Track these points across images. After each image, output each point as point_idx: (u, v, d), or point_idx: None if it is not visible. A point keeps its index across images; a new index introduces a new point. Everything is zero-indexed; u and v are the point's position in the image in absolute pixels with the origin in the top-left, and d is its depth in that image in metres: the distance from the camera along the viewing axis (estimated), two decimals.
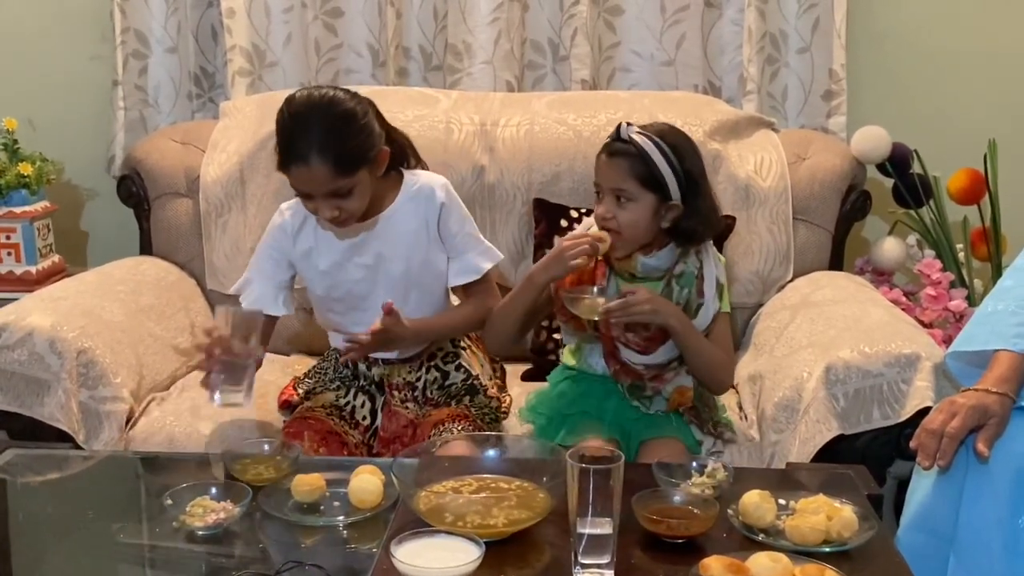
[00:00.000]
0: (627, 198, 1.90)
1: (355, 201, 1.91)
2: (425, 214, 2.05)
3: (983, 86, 2.88)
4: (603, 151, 1.94)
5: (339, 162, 1.85)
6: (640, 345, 1.97)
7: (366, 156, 1.90)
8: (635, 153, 1.89)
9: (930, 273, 2.64)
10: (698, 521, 1.54)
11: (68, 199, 3.01)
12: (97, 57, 2.96)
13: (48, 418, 2.08)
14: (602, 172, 1.93)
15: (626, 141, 1.90)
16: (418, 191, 2.05)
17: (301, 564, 1.48)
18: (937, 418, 1.64)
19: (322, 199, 1.89)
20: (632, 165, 1.89)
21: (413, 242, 2.05)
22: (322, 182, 1.86)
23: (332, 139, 1.85)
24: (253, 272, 2.09)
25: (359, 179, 1.89)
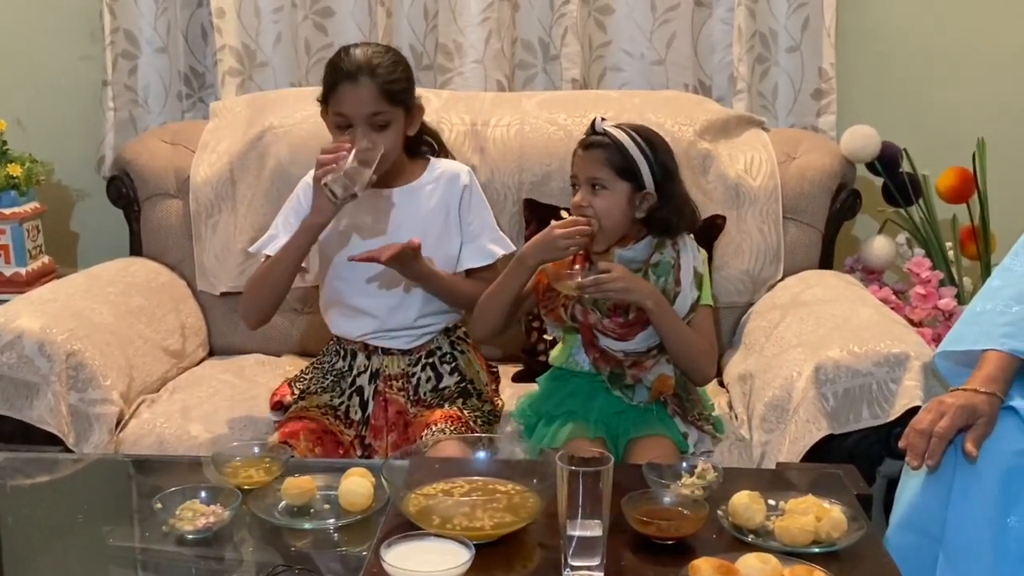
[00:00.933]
0: (602, 186, 1.95)
1: (388, 138, 2.01)
2: (448, 194, 2.13)
3: (972, 85, 2.88)
4: (579, 146, 2.00)
5: (385, 86, 2.00)
6: (617, 332, 1.99)
7: (408, 95, 2.06)
8: (609, 143, 1.96)
9: (920, 272, 2.65)
10: (688, 522, 1.54)
11: (58, 200, 3.00)
12: (86, 57, 2.96)
13: (38, 421, 2.07)
14: (578, 164, 1.99)
15: (601, 134, 1.97)
16: (442, 172, 2.16)
17: (291, 567, 1.48)
18: (926, 418, 1.65)
19: (361, 124, 1.99)
20: (607, 155, 1.95)
21: (432, 219, 2.11)
22: (366, 101, 1.99)
23: (382, 67, 2.01)
24: (279, 229, 2.12)
25: (396, 116, 2.02)
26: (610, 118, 2.52)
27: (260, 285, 2.09)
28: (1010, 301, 1.75)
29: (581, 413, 2.01)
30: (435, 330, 2.16)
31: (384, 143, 1.99)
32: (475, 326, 2.09)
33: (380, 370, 2.13)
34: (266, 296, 2.08)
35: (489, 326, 2.05)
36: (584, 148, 1.99)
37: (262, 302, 2.09)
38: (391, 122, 2.02)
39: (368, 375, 2.14)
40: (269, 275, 2.07)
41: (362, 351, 2.15)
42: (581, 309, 2.00)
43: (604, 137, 1.97)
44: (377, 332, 2.13)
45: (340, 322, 2.17)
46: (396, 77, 2.03)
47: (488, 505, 1.55)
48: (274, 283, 2.06)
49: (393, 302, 2.11)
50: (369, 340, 2.14)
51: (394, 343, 2.13)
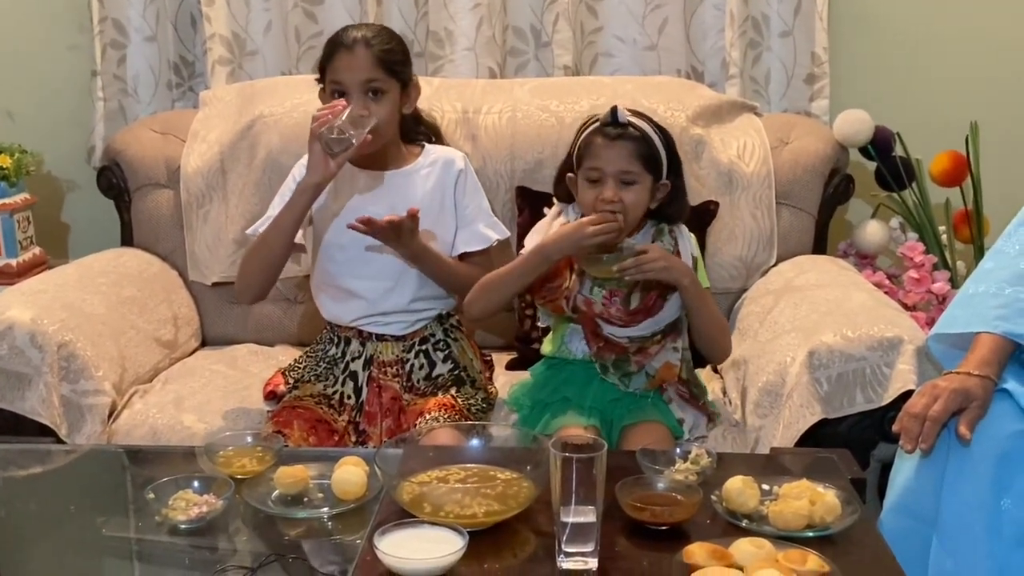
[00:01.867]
0: (632, 180, 1.92)
1: (383, 108, 2.02)
2: (443, 178, 2.14)
3: (965, 69, 2.88)
4: (597, 135, 1.93)
5: (381, 55, 2.02)
6: (623, 319, 1.98)
7: (404, 68, 2.07)
8: (637, 135, 1.92)
9: (913, 256, 2.65)
10: (682, 508, 1.54)
11: (48, 191, 2.99)
12: (75, 47, 2.94)
13: (30, 412, 2.07)
14: (604, 156, 1.92)
15: (624, 124, 1.92)
16: (438, 157, 2.17)
17: (285, 556, 1.48)
18: (919, 401, 1.65)
19: (356, 92, 2.00)
20: (636, 148, 1.91)
21: (427, 203, 2.10)
22: (361, 68, 2.00)
23: (378, 38, 2.04)
24: (275, 207, 2.11)
25: (391, 86, 2.04)
26: (602, 104, 2.55)
27: (256, 255, 2.07)
28: (1003, 283, 1.75)
29: (575, 400, 2.01)
30: (428, 316, 2.15)
31: (379, 113, 2.01)
32: (473, 306, 2.04)
33: (374, 356, 2.13)
34: (262, 268, 2.07)
35: (489, 308, 2.03)
36: (610, 139, 1.92)
37: (259, 274, 2.08)
38: (386, 91, 2.03)
39: (362, 361, 2.14)
40: (265, 243, 2.05)
41: (356, 338, 2.14)
42: (583, 299, 1.99)
43: (629, 128, 1.92)
44: (369, 316, 2.12)
45: (331, 306, 2.16)
46: (392, 48, 2.05)
47: (482, 492, 1.55)
48: (270, 252, 2.05)
49: (386, 285, 2.11)
50: (362, 325, 2.13)
51: (387, 329, 2.13)
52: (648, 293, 1.98)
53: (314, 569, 1.45)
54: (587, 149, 1.94)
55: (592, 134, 1.94)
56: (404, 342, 2.14)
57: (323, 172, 1.97)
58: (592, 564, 1.42)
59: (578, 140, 1.98)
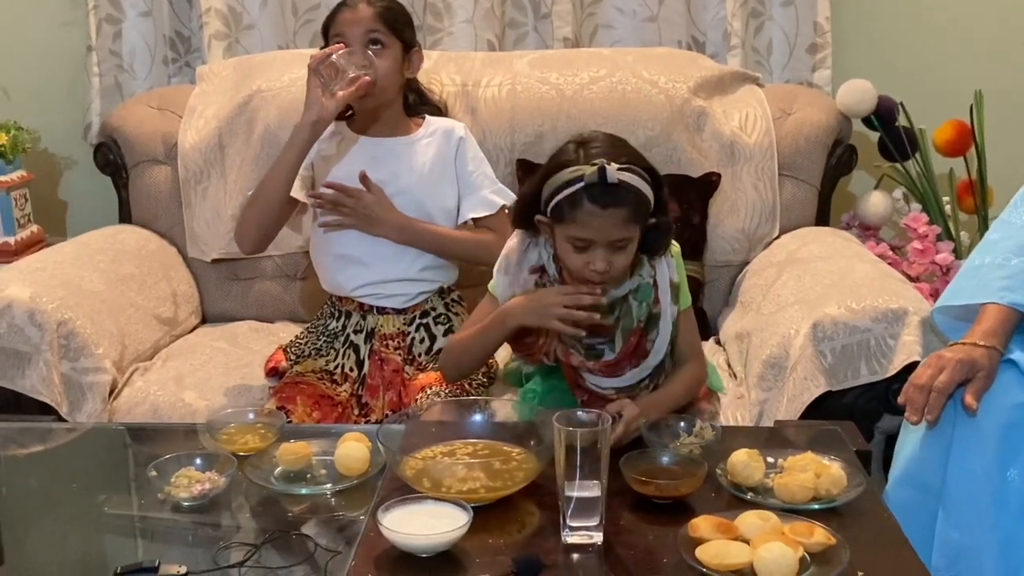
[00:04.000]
0: (625, 244, 1.70)
1: (384, 63, 2.04)
2: (444, 147, 2.15)
3: (969, 37, 2.85)
4: (583, 198, 1.65)
5: (382, 10, 2.05)
6: (604, 371, 1.81)
7: (406, 29, 2.10)
8: (629, 196, 1.67)
9: (916, 227, 2.63)
10: (686, 481, 1.53)
11: (45, 168, 2.96)
12: (69, 23, 2.91)
13: (30, 391, 2.06)
14: (594, 227, 1.66)
15: (614, 185, 1.65)
16: (438, 128, 2.18)
17: (288, 533, 1.47)
18: (925, 373, 1.64)
19: (357, 43, 2.02)
20: (631, 211, 1.67)
21: (428, 171, 2.12)
22: (363, 19, 2.03)
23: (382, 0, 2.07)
24: None
25: (393, 43, 2.06)
26: (603, 76, 2.54)
27: (256, 201, 2.08)
28: (1009, 254, 1.74)
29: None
30: (429, 290, 2.15)
31: (380, 65, 2.02)
32: (446, 372, 1.93)
33: (375, 329, 2.12)
34: (262, 214, 2.07)
35: (463, 372, 1.93)
36: (601, 208, 1.65)
37: (258, 219, 2.08)
38: (388, 46, 2.05)
39: (363, 335, 2.13)
40: (264, 187, 2.06)
41: (356, 311, 2.13)
42: (563, 348, 1.80)
43: (620, 189, 1.65)
44: (369, 285, 2.11)
45: (331, 275, 2.16)
46: (394, 8, 2.09)
47: (486, 467, 1.54)
48: (269, 195, 2.05)
49: (385, 252, 2.10)
50: (361, 296, 2.12)
51: (388, 302, 2.12)
52: (629, 339, 1.79)
53: (318, 545, 1.44)
54: (570, 212, 1.67)
55: (576, 196, 1.66)
56: (405, 315, 2.13)
57: (320, 110, 1.97)
58: (597, 538, 1.42)
59: (555, 191, 1.68)
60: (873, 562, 1.37)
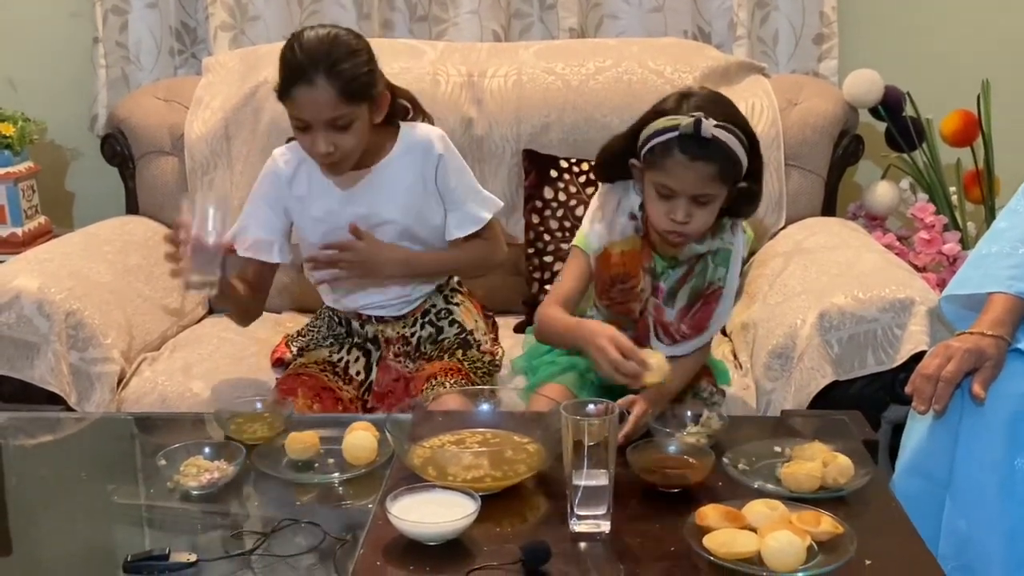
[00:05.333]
0: (708, 200, 1.73)
1: (351, 139, 1.89)
2: (422, 166, 2.03)
3: (976, 26, 2.84)
4: (675, 147, 1.68)
5: (345, 86, 1.85)
6: (683, 335, 1.84)
7: (370, 89, 1.90)
8: (720, 153, 1.69)
9: (923, 217, 2.63)
10: (694, 470, 1.53)
11: (52, 160, 2.97)
12: (76, 14, 2.91)
13: (39, 381, 2.07)
14: (680, 177, 1.69)
15: (707, 139, 1.68)
16: (415, 143, 2.03)
17: (297, 522, 1.48)
18: (932, 362, 1.63)
19: (321, 130, 1.87)
20: (718, 168, 1.69)
21: (409, 194, 2.03)
22: (325, 106, 1.85)
23: (340, 64, 1.85)
24: (248, 220, 2.06)
25: (359, 113, 1.89)
26: (608, 66, 2.53)
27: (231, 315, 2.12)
28: (1016, 243, 1.73)
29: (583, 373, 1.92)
30: (427, 292, 2.13)
31: (347, 143, 1.89)
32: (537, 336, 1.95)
33: (377, 335, 2.12)
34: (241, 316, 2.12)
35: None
36: (690, 160, 1.68)
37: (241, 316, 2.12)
38: (354, 121, 1.88)
39: (368, 341, 2.12)
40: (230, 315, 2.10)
41: (355, 319, 2.13)
42: (655, 304, 1.84)
43: (712, 145, 1.67)
44: (368, 304, 2.10)
45: (328, 294, 2.15)
46: (356, 73, 1.86)
47: (493, 456, 1.55)
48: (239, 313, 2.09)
49: (379, 297, 2.09)
50: (361, 310, 2.12)
51: (387, 311, 2.11)
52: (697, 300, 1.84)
53: (326, 534, 1.45)
54: (661, 159, 1.70)
55: (668, 144, 1.69)
56: (405, 319, 2.12)
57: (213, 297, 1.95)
58: (604, 527, 1.42)
59: (650, 136, 1.72)
60: (880, 551, 1.37)
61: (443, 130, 2.47)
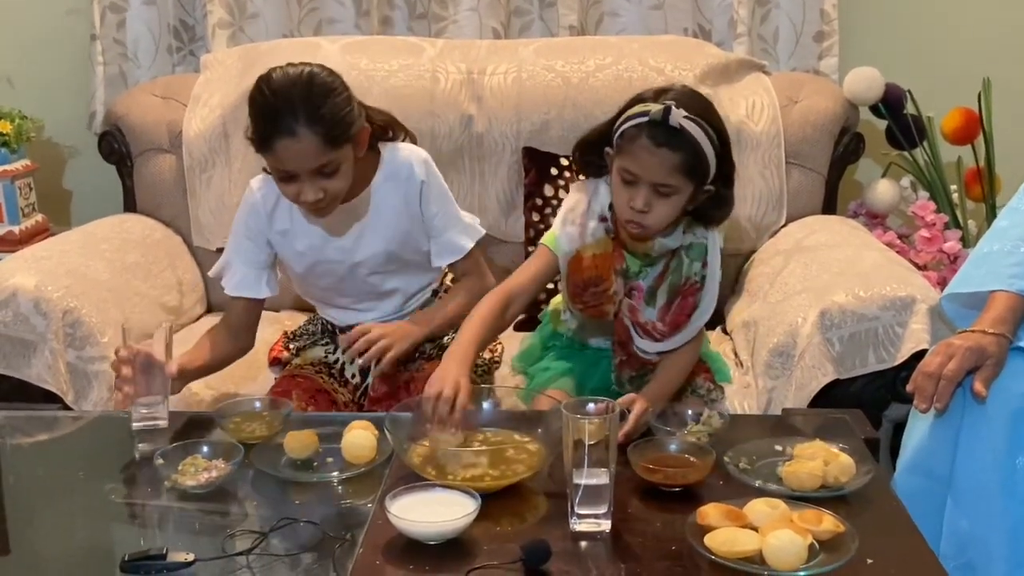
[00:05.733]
0: (669, 192, 1.71)
1: (339, 181, 1.82)
2: (405, 193, 1.98)
3: (977, 24, 2.84)
4: (642, 133, 1.68)
5: (328, 132, 1.76)
6: (662, 333, 1.82)
7: (351, 129, 1.82)
8: (686, 144, 1.68)
9: (924, 215, 2.63)
10: (695, 469, 1.53)
11: (49, 157, 2.96)
12: (74, 11, 2.90)
13: (36, 379, 2.06)
14: (643, 162, 1.69)
15: (674, 128, 1.67)
16: (397, 168, 1.98)
17: (295, 521, 1.47)
18: (934, 360, 1.63)
19: (307, 179, 1.79)
20: (681, 158, 1.68)
21: (394, 221, 1.99)
22: (311, 156, 1.76)
23: (319, 109, 1.76)
24: (232, 255, 2.01)
25: (345, 155, 1.82)
26: (609, 64, 2.52)
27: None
28: (1018, 241, 1.73)
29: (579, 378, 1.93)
30: (419, 303, 2.12)
31: (335, 188, 1.82)
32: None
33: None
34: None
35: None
36: (655, 144, 1.67)
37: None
38: (341, 164, 1.81)
39: None
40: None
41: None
42: (630, 304, 1.82)
43: (679, 134, 1.67)
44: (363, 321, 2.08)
45: (326, 309, 2.14)
46: (338, 116, 1.78)
47: (494, 455, 1.54)
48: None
49: (369, 306, 2.08)
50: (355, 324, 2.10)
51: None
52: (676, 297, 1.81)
53: (325, 533, 1.44)
54: (628, 144, 1.70)
55: (638, 128, 1.69)
56: None
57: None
58: (605, 526, 1.42)
59: (622, 123, 1.73)
60: (882, 549, 1.36)
61: (443, 128, 2.48)
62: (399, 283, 2.06)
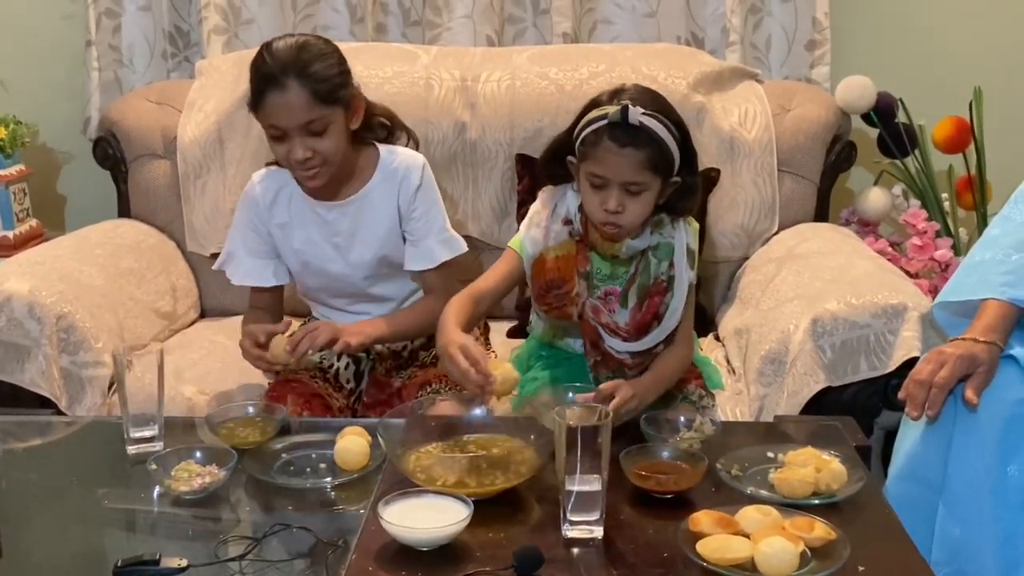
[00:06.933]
0: (640, 190, 1.74)
1: (328, 143, 1.87)
2: (399, 194, 2.00)
3: (969, 33, 2.85)
4: (604, 135, 1.71)
5: (317, 88, 1.84)
6: (628, 333, 1.84)
7: (343, 91, 1.89)
8: (649, 140, 1.71)
9: (916, 223, 2.64)
10: (686, 476, 1.53)
11: (44, 162, 2.96)
12: (69, 16, 2.90)
13: (29, 384, 2.06)
14: (610, 164, 1.72)
15: (635, 126, 1.70)
16: (394, 171, 2.00)
17: (288, 527, 1.47)
18: (925, 368, 1.64)
19: (297, 135, 1.85)
20: (647, 155, 1.71)
21: (387, 222, 2.00)
22: (299, 109, 1.83)
23: (311, 66, 1.85)
24: (236, 246, 2.04)
25: (335, 116, 1.87)
26: (602, 71, 2.53)
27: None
28: (1009, 250, 1.74)
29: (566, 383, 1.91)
30: None
31: (326, 147, 1.86)
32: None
33: (368, 350, 2.10)
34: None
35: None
36: (619, 146, 1.70)
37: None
38: (330, 124, 1.86)
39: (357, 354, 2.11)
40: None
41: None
42: (592, 305, 1.84)
43: (640, 132, 1.70)
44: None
45: (318, 309, 2.14)
46: (328, 74, 1.86)
47: (486, 461, 1.54)
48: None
49: (363, 306, 2.08)
50: None
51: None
52: (645, 298, 1.83)
53: (318, 539, 1.44)
54: (592, 149, 1.73)
55: (598, 132, 1.72)
56: None
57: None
58: (597, 532, 1.42)
59: (582, 129, 1.75)
60: (874, 557, 1.37)
61: (436, 134, 2.49)
62: (391, 289, 2.06)
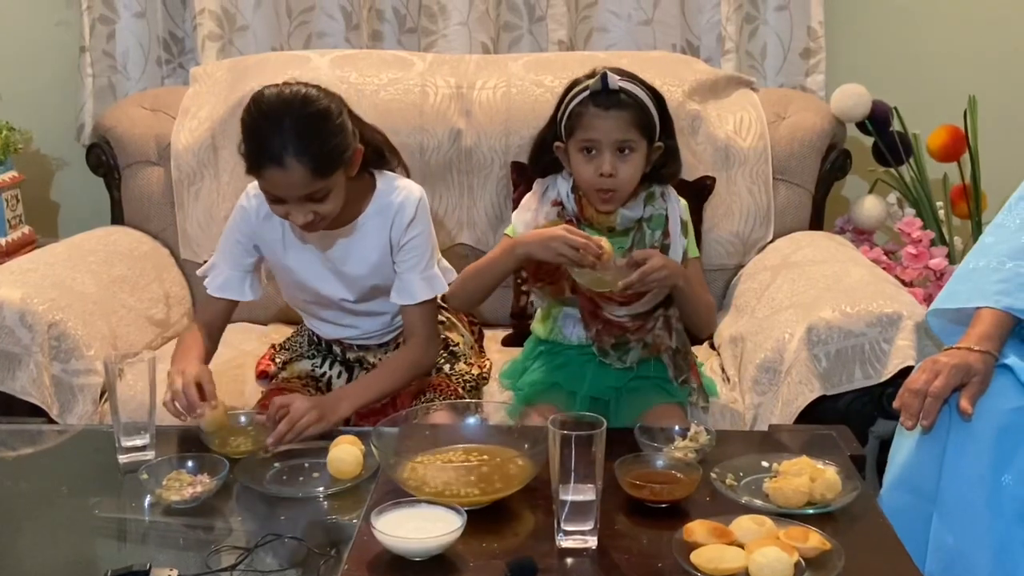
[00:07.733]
0: (630, 149, 1.84)
1: (330, 204, 1.80)
2: (392, 227, 1.96)
3: (963, 42, 2.86)
4: (588, 104, 1.84)
5: (316, 164, 1.73)
6: (624, 296, 1.88)
7: (342, 156, 1.78)
8: (631, 102, 1.84)
9: (910, 231, 2.64)
10: (681, 485, 1.53)
11: (37, 169, 2.95)
12: (63, 23, 2.90)
13: (21, 392, 2.05)
14: (599, 127, 1.83)
15: (616, 91, 1.83)
16: (389, 204, 1.94)
17: (280, 536, 1.46)
18: (920, 377, 1.63)
19: (296, 204, 1.77)
20: (632, 115, 1.83)
21: (379, 252, 1.98)
22: (298, 186, 1.74)
23: (309, 139, 1.72)
24: (219, 257, 2.02)
25: (336, 181, 1.79)
26: None
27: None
28: (1004, 258, 1.73)
29: (566, 387, 1.95)
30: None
31: (327, 211, 1.80)
32: (455, 299, 2.01)
33: (361, 359, 2.10)
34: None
35: (471, 301, 2.01)
36: (604, 109, 1.83)
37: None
38: (331, 191, 1.78)
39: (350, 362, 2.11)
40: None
41: (336, 344, 2.11)
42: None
43: (621, 95, 1.83)
44: (348, 337, 2.09)
45: (311, 319, 2.13)
46: (327, 147, 1.75)
47: (480, 471, 1.53)
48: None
49: (353, 322, 2.06)
50: (343, 339, 2.10)
51: (368, 341, 2.09)
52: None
53: (310, 549, 1.44)
54: (579, 120, 1.85)
55: (582, 104, 1.85)
56: (387, 346, 2.10)
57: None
58: (592, 542, 1.41)
59: (565, 109, 1.88)
60: (868, 566, 1.37)
61: (431, 142, 2.48)
62: (384, 306, 2.05)
